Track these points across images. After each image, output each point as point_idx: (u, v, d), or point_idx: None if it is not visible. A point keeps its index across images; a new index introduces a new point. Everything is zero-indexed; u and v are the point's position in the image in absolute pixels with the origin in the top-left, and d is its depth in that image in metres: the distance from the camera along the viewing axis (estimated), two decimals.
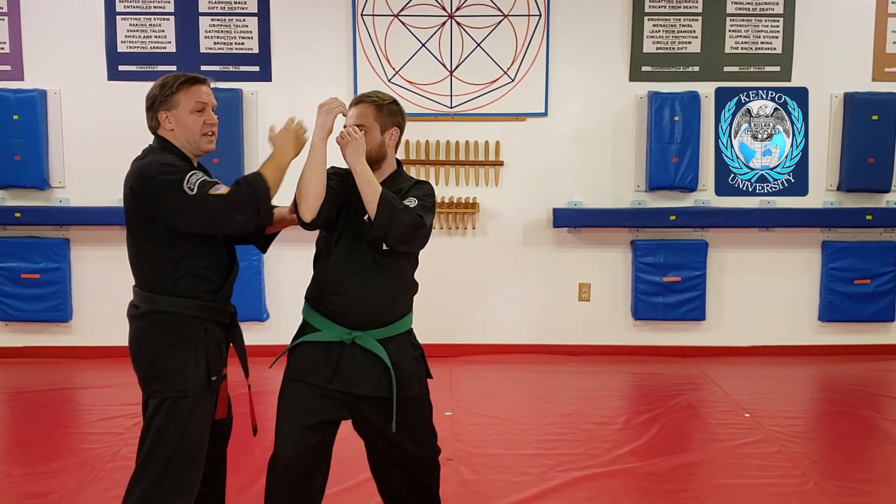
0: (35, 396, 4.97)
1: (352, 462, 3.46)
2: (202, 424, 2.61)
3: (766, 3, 5.70)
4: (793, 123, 5.76)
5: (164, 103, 2.62)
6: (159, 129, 2.65)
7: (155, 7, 5.64)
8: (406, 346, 2.82)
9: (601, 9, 5.71)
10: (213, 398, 2.67)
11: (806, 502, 3.51)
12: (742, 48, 5.73)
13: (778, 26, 5.72)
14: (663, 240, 5.79)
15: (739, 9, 5.71)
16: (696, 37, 5.73)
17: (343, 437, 2.86)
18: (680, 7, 5.71)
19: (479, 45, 5.70)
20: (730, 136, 5.78)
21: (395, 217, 2.59)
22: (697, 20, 5.72)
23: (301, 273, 3.09)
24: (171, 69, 5.30)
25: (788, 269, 5.89)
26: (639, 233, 5.82)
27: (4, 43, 5.63)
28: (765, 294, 5.89)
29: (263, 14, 5.68)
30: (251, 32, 5.69)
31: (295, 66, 5.70)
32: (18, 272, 5.65)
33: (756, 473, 3.80)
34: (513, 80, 5.73)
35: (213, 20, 5.68)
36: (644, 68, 5.75)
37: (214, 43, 5.69)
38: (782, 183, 5.81)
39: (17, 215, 5.61)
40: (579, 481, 3.71)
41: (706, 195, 5.80)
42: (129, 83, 5.59)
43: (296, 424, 2.70)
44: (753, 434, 4.30)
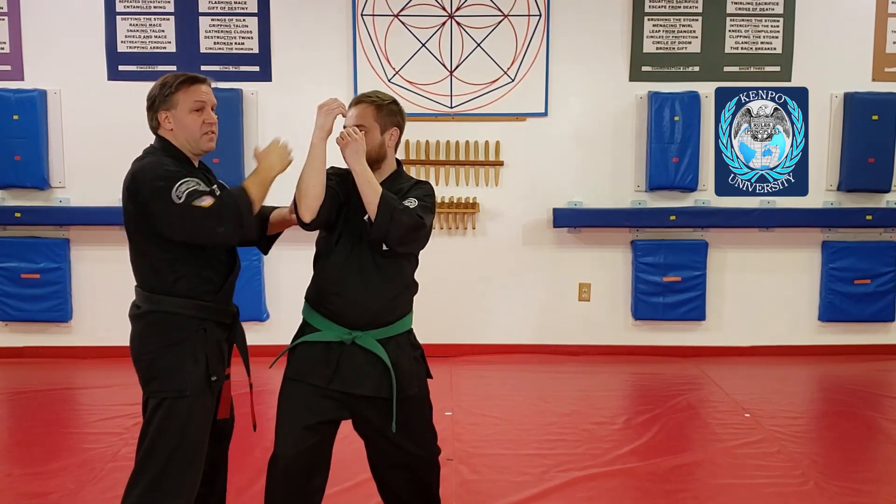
0: (35, 396, 4.97)
1: (352, 462, 3.46)
2: (202, 425, 2.60)
3: (766, 3, 5.70)
4: (793, 123, 5.76)
5: (163, 103, 2.62)
6: (159, 130, 2.66)
7: (155, 7, 5.64)
8: (406, 346, 2.82)
9: (601, 9, 5.71)
10: (214, 398, 2.66)
11: (806, 502, 3.51)
12: (742, 48, 5.73)
13: (778, 26, 5.72)
14: (663, 240, 5.79)
15: (739, 9, 5.71)
16: (696, 37, 5.73)
17: (343, 437, 2.86)
18: (680, 7, 5.71)
19: (479, 45, 5.70)
20: (730, 136, 5.78)
21: (395, 218, 2.59)
22: (697, 20, 5.72)
23: (301, 273, 3.09)
24: (171, 69, 5.30)
25: (788, 269, 5.89)
26: (639, 233, 5.83)
27: (4, 43, 5.63)
28: (765, 294, 5.89)
29: (263, 14, 5.68)
30: (251, 32, 5.69)
31: (295, 66, 5.70)
32: (18, 272, 5.65)
33: (756, 473, 3.80)
34: (513, 80, 5.73)
35: (213, 20, 5.68)
36: (644, 68, 5.75)
37: (214, 43, 5.69)
38: (782, 183, 5.81)
39: (17, 215, 5.61)
40: (579, 481, 3.71)
41: (706, 195, 5.80)
42: (129, 83, 5.60)
43: (296, 424, 2.70)
44: (753, 434, 4.30)
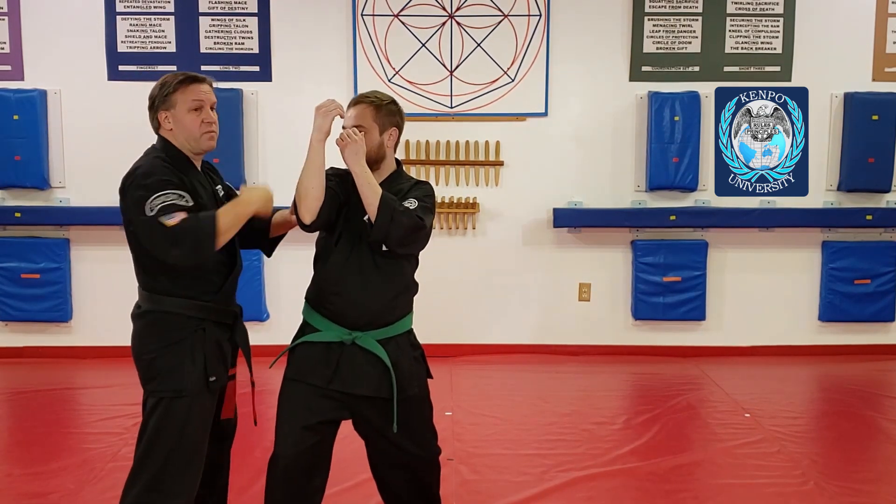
0: (35, 396, 4.97)
1: (352, 462, 3.46)
2: (201, 425, 2.60)
3: (766, 3, 5.70)
4: (793, 123, 5.76)
5: (163, 103, 2.62)
6: (160, 130, 2.66)
7: (155, 7, 5.64)
8: (406, 347, 2.82)
9: (601, 9, 5.71)
10: (214, 399, 2.66)
11: (806, 502, 3.51)
12: (742, 48, 5.73)
13: (778, 26, 5.72)
14: (663, 240, 5.79)
15: (739, 9, 5.71)
16: (696, 37, 5.73)
17: (343, 437, 2.86)
18: (680, 7, 5.71)
19: (479, 45, 5.70)
20: (730, 136, 5.78)
21: (395, 219, 2.59)
22: (697, 20, 5.72)
23: (301, 273, 3.09)
24: (171, 69, 5.29)
25: (788, 269, 5.89)
26: (639, 233, 5.83)
27: (4, 43, 5.63)
28: (765, 294, 5.89)
29: (263, 14, 5.68)
30: (251, 32, 5.69)
31: (295, 66, 5.70)
32: (18, 272, 5.65)
33: (756, 473, 3.80)
34: (513, 80, 5.73)
35: (213, 20, 5.68)
36: (644, 68, 5.75)
37: (214, 43, 5.69)
38: (782, 183, 5.81)
39: (17, 215, 5.61)
40: (579, 481, 3.71)
41: (706, 195, 5.80)
42: (129, 83, 5.60)
43: (296, 424, 2.70)
44: (753, 434, 4.30)
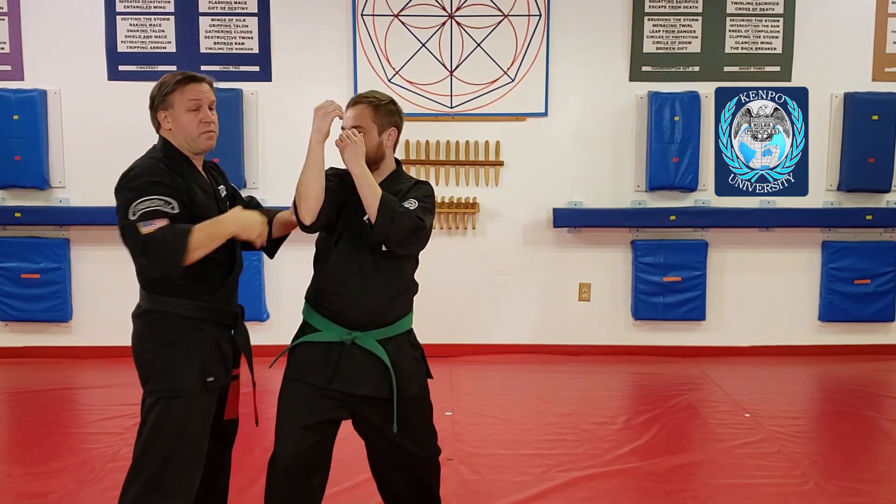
0: (35, 396, 4.97)
1: (352, 462, 3.46)
2: (200, 425, 2.59)
3: (766, 3, 5.70)
4: (793, 123, 5.76)
5: (161, 103, 2.62)
6: (160, 129, 2.65)
7: (155, 7, 5.64)
8: (406, 347, 2.82)
9: (601, 9, 5.71)
10: (213, 399, 2.65)
11: (806, 502, 3.51)
12: (742, 48, 5.73)
13: (778, 26, 5.72)
14: (663, 240, 5.79)
15: (739, 9, 5.71)
16: (696, 37, 5.73)
17: (343, 437, 2.86)
18: (680, 7, 5.71)
19: (479, 45, 5.70)
20: (730, 136, 5.78)
21: (395, 220, 2.59)
22: (697, 20, 5.72)
23: (301, 273, 3.09)
24: (172, 69, 5.28)
25: (788, 269, 5.89)
26: (639, 233, 5.83)
27: (4, 43, 5.63)
28: (765, 294, 5.89)
29: (263, 14, 5.68)
30: (251, 32, 5.69)
31: (295, 66, 5.70)
32: (18, 272, 5.65)
33: (756, 473, 3.80)
34: (513, 80, 5.73)
35: (213, 20, 5.68)
36: (644, 68, 5.75)
37: (214, 43, 5.69)
38: (782, 183, 5.81)
39: (17, 215, 5.61)
40: (579, 481, 3.71)
41: (706, 195, 5.80)
42: (129, 83, 5.60)
43: (295, 424, 2.70)
44: (753, 434, 4.30)
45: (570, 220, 5.74)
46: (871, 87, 5.73)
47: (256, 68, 5.71)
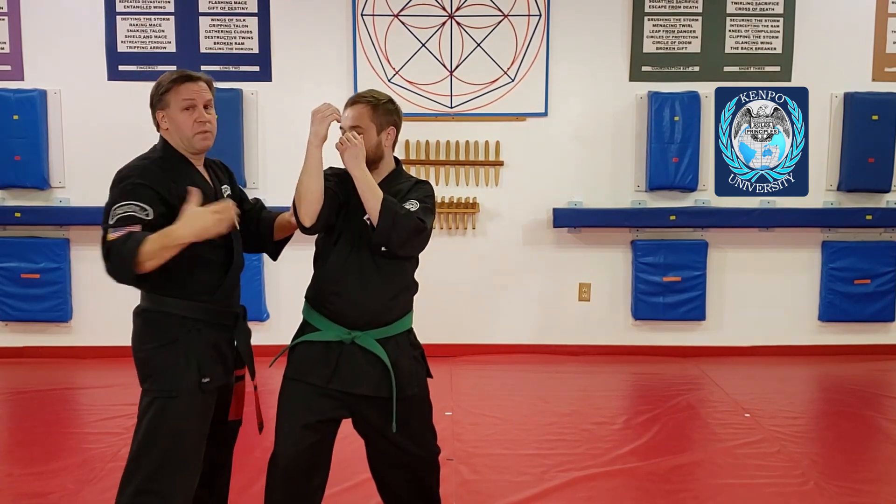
0: (35, 396, 4.97)
1: (352, 462, 3.46)
2: (196, 426, 2.58)
3: (766, 3, 5.70)
4: (793, 123, 5.76)
5: (159, 103, 2.61)
6: (160, 129, 2.65)
7: (155, 7, 5.64)
8: (406, 346, 2.81)
9: (601, 9, 5.71)
10: (210, 400, 2.63)
11: (806, 502, 3.51)
12: (742, 48, 5.73)
13: (778, 26, 5.72)
14: (663, 240, 5.79)
15: (739, 9, 5.71)
16: (696, 37, 5.73)
17: (343, 437, 2.86)
18: (680, 7, 5.71)
19: (479, 45, 5.70)
20: (730, 136, 5.78)
21: (397, 223, 2.59)
22: (697, 20, 5.72)
23: (301, 273, 3.08)
24: (172, 69, 5.28)
25: (788, 269, 5.89)
26: (639, 233, 5.82)
27: (4, 43, 5.63)
28: (765, 294, 5.89)
29: (263, 14, 5.68)
30: (251, 32, 5.69)
31: (295, 66, 5.70)
32: (18, 272, 5.65)
33: (756, 473, 3.80)
34: (513, 80, 5.73)
35: (213, 20, 5.68)
36: (644, 68, 5.75)
37: (214, 43, 5.69)
38: (782, 183, 5.81)
39: (17, 215, 5.61)
40: (579, 481, 3.71)
41: (706, 195, 5.80)
42: (129, 83, 5.60)
43: (295, 423, 2.69)
44: (753, 434, 4.30)
45: (570, 220, 5.74)
46: (871, 87, 5.73)
47: (256, 68, 5.71)
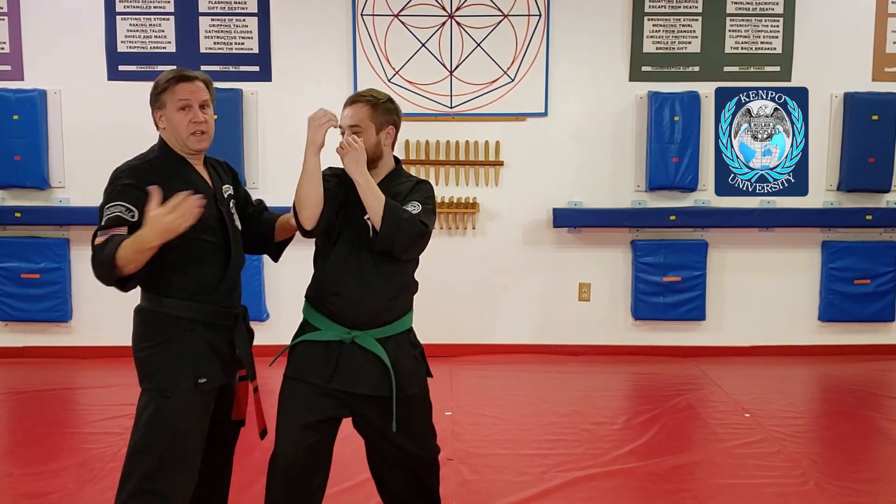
0: (35, 396, 4.97)
1: (352, 462, 3.46)
2: (194, 426, 2.57)
3: (766, 3, 5.70)
4: (793, 123, 5.76)
5: (156, 103, 2.61)
6: (159, 129, 2.65)
7: (155, 7, 5.64)
8: (406, 346, 2.81)
9: (601, 9, 5.71)
10: (209, 400, 2.62)
11: (806, 502, 3.51)
12: (742, 48, 5.73)
13: (778, 26, 5.72)
14: (663, 240, 5.79)
15: (739, 9, 5.71)
16: (696, 37, 5.73)
17: (343, 437, 2.86)
18: (680, 7, 5.71)
19: (479, 45, 5.70)
20: (730, 136, 5.78)
21: (400, 228, 2.59)
22: (697, 20, 5.72)
23: (301, 273, 3.08)
24: (171, 69, 5.30)
25: (788, 269, 5.89)
26: (639, 233, 5.82)
27: (4, 43, 5.63)
28: (765, 294, 5.89)
29: (263, 14, 5.68)
30: (251, 32, 5.69)
31: (295, 66, 5.70)
32: (18, 272, 5.65)
33: (756, 473, 3.80)
34: (513, 80, 5.72)
35: (213, 20, 5.68)
36: (644, 68, 5.75)
37: (214, 43, 5.69)
38: (782, 183, 5.81)
39: (17, 215, 5.61)
40: (579, 481, 3.71)
41: (706, 195, 5.80)
42: (129, 83, 5.60)
43: (295, 423, 2.69)
44: (753, 434, 4.30)
45: (570, 220, 5.74)
46: (871, 87, 5.73)
47: (256, 68, 5.71)
